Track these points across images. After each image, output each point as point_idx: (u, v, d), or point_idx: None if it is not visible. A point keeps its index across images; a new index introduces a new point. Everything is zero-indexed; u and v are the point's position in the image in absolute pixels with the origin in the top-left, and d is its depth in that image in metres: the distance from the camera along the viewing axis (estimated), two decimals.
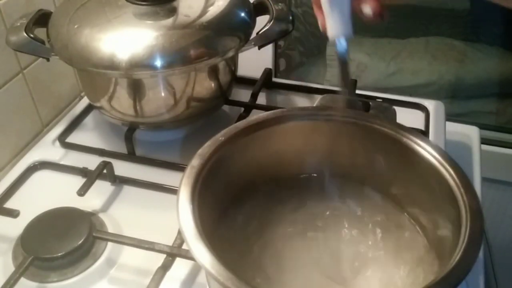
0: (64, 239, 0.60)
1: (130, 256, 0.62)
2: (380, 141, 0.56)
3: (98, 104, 0.74)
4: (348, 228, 0.58)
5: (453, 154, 0.54)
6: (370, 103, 0.67)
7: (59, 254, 0.59)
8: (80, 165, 0.72)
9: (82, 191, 0.65)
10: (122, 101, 0.71)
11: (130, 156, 0.75)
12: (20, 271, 0.57)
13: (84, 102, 0.85)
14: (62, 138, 0.77)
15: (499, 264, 0.89)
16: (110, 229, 0.64)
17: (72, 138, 0.79)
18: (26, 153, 0.77)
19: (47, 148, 0.77)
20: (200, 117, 0.76)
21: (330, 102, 0.65)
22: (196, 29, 0.67)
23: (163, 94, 0.70)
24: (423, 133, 0.74)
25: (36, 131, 0.82)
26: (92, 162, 0.70)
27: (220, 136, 0.55)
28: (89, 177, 0.67)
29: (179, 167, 0.71)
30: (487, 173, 0.84)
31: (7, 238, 0.63)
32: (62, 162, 0.74)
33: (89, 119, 0.83)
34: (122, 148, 0.75)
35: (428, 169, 0.53)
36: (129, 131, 0.73)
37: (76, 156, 0.75)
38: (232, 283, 0.42)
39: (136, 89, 0.69)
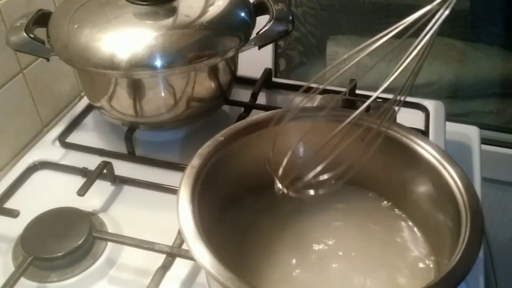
0: (64, 239, 0.60)
1: (130, 256, 0.62)
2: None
3: (98, 104, 0.74)
4: (347, 229, 0.58)
5: (453, 154, 0.54)
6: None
7: (59, 254, 0.59)
8: (80, 165, 0.72)
9: (82, 191, 0.65)
10: (122, 101, 0.71)
11: (130, 156, 0.75)
12: (20, 271, 0.57)
13: (84, 102, 0.85)
14: (62, 138, 0.77)
15: (499, 264, 0.89)
16: (110, 229, 0.64)
17: (72, 138, 0.79)
18: (26, 153, 0.77)
19: (47, 148, 0.77)
20: (200, 117, 0.76)
21: (330, 102, 0.65)
22: (196, 29, 0.67)
23: (163, 94, 0.70)
24: (423, 133, 0.74)
25: (36, 131, 0.82)
26: (92, 162, 0.71)
27: (220, 136, 0.55)
28: (89, 177, 0.67)
29: (179, 167, 0.71)
30: (487, 173, 0.84)
31: (7, 238, 0.63)
32: (62, 162, 0.74)
33: (89, 119, 0.83)
34: (122, 148, 0.75)
35: (428, 169, 0.53)
36: (129, 131, 0.73)
37: (76, 156, 0.75)
38: (232, 283, 0.42)
39: (136, 89, 0.69)
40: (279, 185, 0.52)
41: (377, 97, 0.73)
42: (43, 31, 0.71)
